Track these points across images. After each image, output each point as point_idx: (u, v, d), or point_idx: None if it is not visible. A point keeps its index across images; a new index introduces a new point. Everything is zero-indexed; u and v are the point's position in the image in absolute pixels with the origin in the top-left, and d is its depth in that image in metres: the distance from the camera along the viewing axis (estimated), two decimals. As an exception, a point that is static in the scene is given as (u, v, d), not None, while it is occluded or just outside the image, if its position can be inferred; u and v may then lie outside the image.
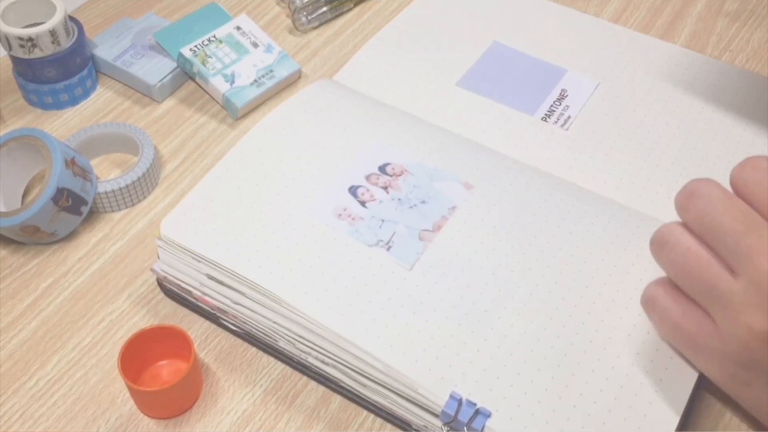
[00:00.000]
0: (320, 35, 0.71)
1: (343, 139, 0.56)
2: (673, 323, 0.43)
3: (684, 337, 0.42)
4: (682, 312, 0.42)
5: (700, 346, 0.42)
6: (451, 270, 0.48)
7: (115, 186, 0.56)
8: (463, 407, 0.43)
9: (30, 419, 0.47)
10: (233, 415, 0.47)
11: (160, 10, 0.73)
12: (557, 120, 0.60)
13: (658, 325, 0.44)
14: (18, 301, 0.52)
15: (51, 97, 0.64)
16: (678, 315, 0.42)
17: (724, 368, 0.41)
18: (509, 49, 0.66)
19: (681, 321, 0.42)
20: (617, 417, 0.43)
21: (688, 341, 0.42)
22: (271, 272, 0.48)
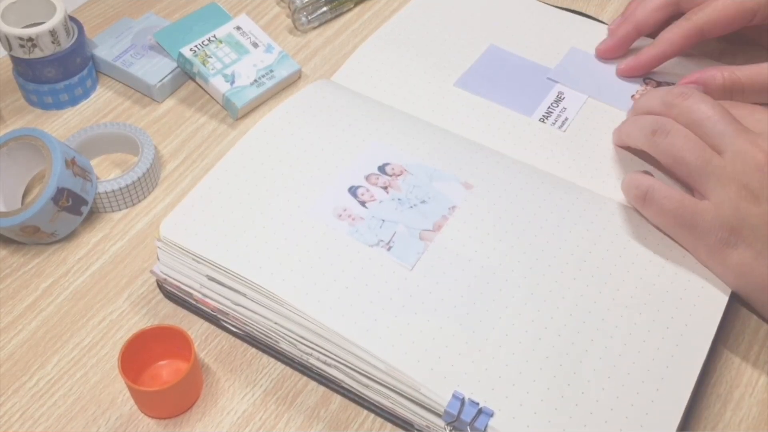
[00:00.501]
0: (320, 35, 0.71)
1: (343, 139, 0.55)
2: (672, 209, 0.49)
3: (683, 219, 0.49)
4: (680, 196, 0.49)
5: (696, 224, 0.49)
6: (451, 270, 0.48)
7: (115, 186, 0.56)
8: (466, 407, 0.43)
9: (30, 419, 0.47)
10: (233, 415, 0.47)
11: (160, 10, 0.73)
12: (555, 121, 0.60)
13: (656, 214, 0.51)
14: (18, 301, 0.52)
15: (51, 97, 0.63)
16: (676, 202, 0.49)
17: (717, 236, 0.48)
18: (506, 52, 0.66)
19: (680, 204, 0.49)
20: (619, 415, 0.43)
21: (686, 222, 0.49)
22: (271, 273, 0.47)
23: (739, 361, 0.50)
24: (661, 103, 0.52)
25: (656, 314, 0.47)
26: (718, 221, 0.48)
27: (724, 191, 0.47)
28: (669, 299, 0.48)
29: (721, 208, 0.47)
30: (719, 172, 0.48)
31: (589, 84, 0.63)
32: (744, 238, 0.47)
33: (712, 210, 0.48)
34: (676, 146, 0.50)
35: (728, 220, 0.47)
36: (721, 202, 0.47)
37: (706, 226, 0.48)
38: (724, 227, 0.47)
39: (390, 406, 0.46)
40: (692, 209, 0.49)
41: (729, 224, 0.47)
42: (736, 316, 0.51)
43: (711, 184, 0.48)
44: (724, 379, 0.49)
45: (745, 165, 0.47)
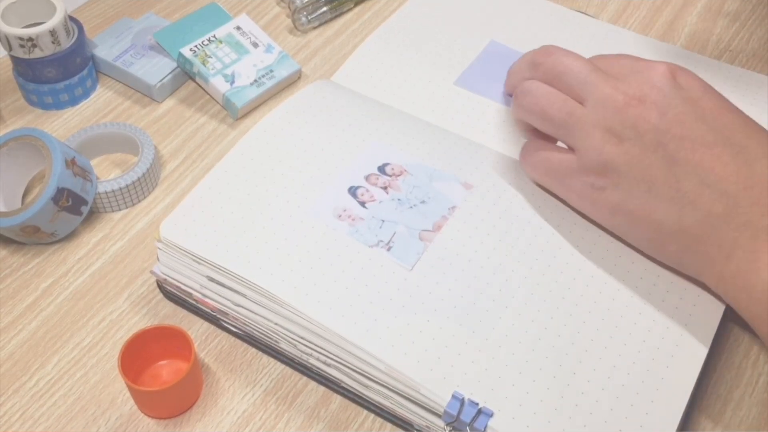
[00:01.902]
0: (320, 35, 0.71)
1: (343, 139, 0.55)
2: (540, 161, 0.52)
3: (551, 170, 0.51)
4: (548, 155, 0.51)
5: (565, 175, 0.50)
6: (451, 270, 0.48)
7: (115, 186, 0.56)
8: (466, 407, 0.43)
9: (30, 419, 0.47)
10: (233, 415, 0.47)
11: (160, 10, 0.73)
12: None
13: (529, 168, 0.53)
14: (18, 301, 0.52)
15: (51, 97, 0.63)
16: (546, 160, 0.51)
17: (584, 181, 0.49)
18: (506, 48, 0.66)
19: (550, 164, 0.51)
20: (619, 415, 0.43)
21: (557, 175, 0.51)
22: (271, 274, 0.47)
23: (739, 361, 0.50)
24: (528, 65, 0.53)
25: (656, 314, 0.47)
26: (585, 168, 0.48)
27: (588, 139, 0.48)
28: (669, 299, 0.48)
29: (587, 155, 0.48)
30: (583, 121, 0.48)
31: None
32: (611, 180, 0.48)
33: (576, 158, 0.49)
34: (540, 104, 0.51)
35: (594, 165, 0.48)
36: (586, 149, 0.48)
37: (574, 175, 0.49)
38: (590, 172, 0.48)
39: (390, 406, 0.46)
40: (558, 159, 0.50)
41: (595, 169, 0.48)
42: (736, 316, 0.51)
43: (576, 134, 0.49)
44: (724, 379, 0.49)
45: (606, 109, 0.47)
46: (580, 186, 0.49)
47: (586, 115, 0.48)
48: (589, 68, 0.49)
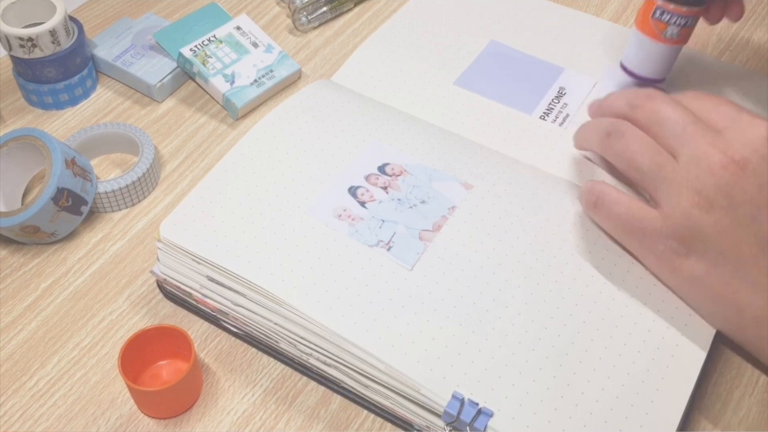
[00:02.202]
0: (320, 35, 0.71)
1: (343, 139, 0.55)
2: (621, 213, 0.48)
3: (632, 226, 0.47)
4: (629, 201, 0.47)
5: (645, 232, 0.46)
6: (451, 270, 0.48)
7: (115, 186, 0.56)
8: (466, 407, 0.43)
9: (30, 419, 0.47)
10: (233, 415, 0.47)
11: (160, 10, 0.73)
12: (555, 118, 0.60)
13: (605, 219, 0.49)
14: (18, 301, 0.52)
15: (51, 97, 0.63)
16: (626, 205, 0.47)
17: (666, 245, 0.46)
18: (507, 47, 0.66)
19: (629, 209, 0.47)
20: (619, 415, 0.43)
21: (635, 230, 0.47)
22: (271, 274, 0.47)
23: (739, 361, 0.50)
24: (626, 104, 0.50)
25: (657, 314, 0.47)
26: (668, 230, 0.45)
27: (676, 198, 0.45)
28: (669, 299, 0.48)
29: (672, 217, 0.45)
30: (672, 177, 0.45)
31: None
32: (695, 249, 0.45)
33: (661, 218, 0.45)
34: (630, 149, 0.47)
35: (678, 229, 0.45)
36: (672, 209, 0.45)
37: (655, 234, 0.46)
38: (674, 236, 0.45)
39: (390, 406, 0.46)
40: (641, 216, 0.46)
41: (679, 233, 0.45)
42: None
43: (663, 190, 0.45)
44: (724, 379, 0.49)
45: (699, 169, 0.44)
46: (661, 249, 0.46)
47: (677, 171, 0.45)
48: (687, 120, 0.46)
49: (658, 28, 0.56)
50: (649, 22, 0.56)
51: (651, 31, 0.56)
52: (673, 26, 0.55)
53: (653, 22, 0.56)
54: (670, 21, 0.55)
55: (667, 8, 0.55)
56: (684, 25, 0.56)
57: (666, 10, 0.55)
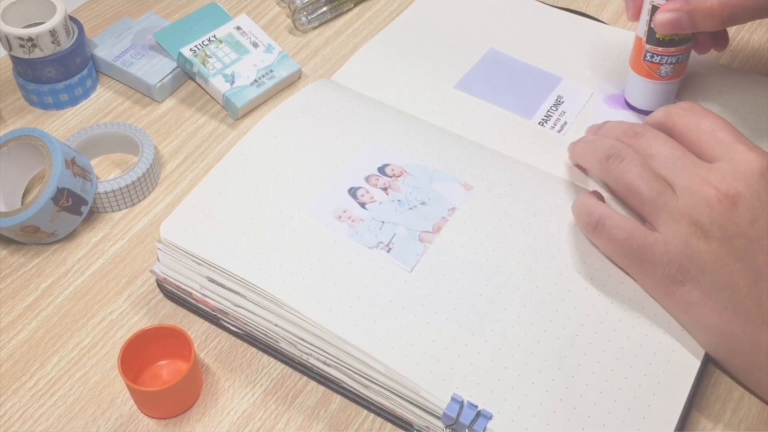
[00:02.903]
0: (320, 35, 0.71)
1: (343, 139, 0.56)
2: (622, 239, 0.47)
3: (632, 251, 0.47)
4: (631, 226, 0.47)
5: (645, 257, 0.47)
6: (451, 272, 0.48)
7: (115, 186, 0.56)
8: (465, 409, 0.43)
9: (30, 419, 0.47)
10: (233, 415, 0.47)
11: (160, 10, 0.73)
12: (554, 125, 0.60)
13: (606, 243, 0.49)
14: (18, 301, 0.52)
15: (51, 97, 0.63)
16: (626, 233, 0.47)
17: (665, 272, 0.46)
18: (505, 56, 0.66)
19: (630, 235, 0.47)
20: (617, 418, 0.43)
21: (634, 252, 0.47)
22: (271, 275, 0.48)
23: (738, 363, 0.50)
24: (628, 131, 0.51)
25: (654, 316, 0.47)
26: (667, 257, 0.46)
27: (674, 226, 0.46)
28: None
29: (671, 244, 0.46)
30: (671, 205, 0.46)
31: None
32: (692, 276, 0.45)
33: (661, 244, 0.46)
34: (630, 174, 0.48)
35: (677, 256, 0.45)
36: (671, 237, 0.46)
37: (655, 260, 0.46)
38: (672, 263, 0.46)
39: (390, 406, 0.46)
40: (641, 242, 0.47)
41: (677, 261, 0.45)
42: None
43: (662, 217, 0.46)
44: (724, 379, 0.49)
45: (695, 200, 0.45)
46: (659, 274, 0.46)
47: (674, 200, 0.46)
48: (678, 154, 0.47)
49: (651, 69, 0.57)
50: (642, 64, 0.58)
51: (646, 72, 0.58)
52: (666, 65, 0.57)
53: (646, 64, 0.57)
54: (661, 62, 0.57)
55: (655, 51, 0.56)
56: (676, 62, 0.57)
57: (655, 53, 0.56)
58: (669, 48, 0.56)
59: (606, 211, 0.48)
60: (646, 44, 0.56)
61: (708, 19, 0.52)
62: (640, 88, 0.59)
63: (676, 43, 0.55)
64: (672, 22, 0.53)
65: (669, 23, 0.53)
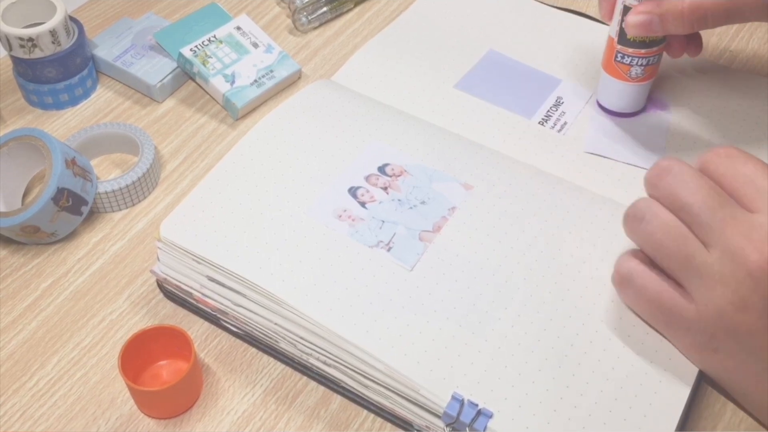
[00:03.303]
0: (320, 35, 0.71)
1: (343, 139, 0.56)
2: (649, 299, 0.45)
3: (660, 312, 0.44)
4: (659, 288, 0.44)
5: (675, 319, 0.44)
6: (451, 271, 0.48)
7: (115, 186, 0.56)
8: (465, 408, 0.43)
9: (30, 419, 0.47)
10: (233, 415, 0.47)
11: (160, 10, 0.73)
12: (554, 125, 0.60)
13: (633, 300, 0.46)
14: (18, 301, 0.52)
15: (51, 97, 0.63)
16: (655, 291, 0.44)
17: (696, 338, 0.43)
18: (505, 57, 0.66)
19: (658, 297, 0.44)
20: (618, 417, 0.43)
21: (664, 315, 0.44)
22: (271, 274, 0.48)
23: (738, 362, 0.50)
24: (645, 183, 0.45)
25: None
26: (699, 325, 0.43)
27: (708, 293, 0.41)
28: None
29: (705, 311, 0.42)
30: (704, 270, 0.41)
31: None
32: (726, 346, 0.42)
33: (693, 310, 0.42)
34: (654, 237, 0.43)
35: (710, 325, 0.42)
36: (705, 304, 0.42)
37: (685, 325, 0.43)
38: (704, 332, 0.43)
39: (390, 406, 0.46)
40: (671, 305, 0.43)
41: (710, 330, 0.42)
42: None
43: (695, 282, 0.42)
44: (723, 380, 0.49)
45: (735, 266, 0.40)
46: (689, 340, 0.44)
47: (709, 265, 0.41)
48: (714, 203, 0.41)
49: (622, 70, 0.57)
50: (613, 65, 0.58)
51: (617, 73, 0.58)
52: (636, 67, 0.57)
53: (616, 65, 0.57)
54: (632, 63, 0.57)
55: (626, 52, 0.56)
56: (647, 65, 0.57)
57: (625, 54, 0.56)
58: (639, 49, 0.56)
59: (636, 267, 0.45)
60: (617, 44, 0.57)
61: (678, 23, 0.52)
62: (611, 89, 0.59)
63: (647, 44, 0.56)
64: (643, 24, 0.53)
65: (640, 25, 0.53)
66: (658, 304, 0.44)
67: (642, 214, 0.44)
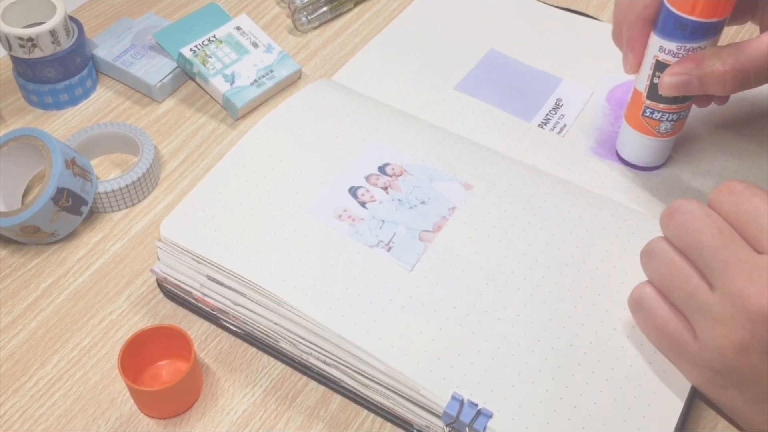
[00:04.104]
0: (320, 35, 0.71)
1: (343, 139, 0.56)
2: (657, 326, 0.45)
3: (666, 341, 0.45)
4: (666, 317, 0.44)
5: (680, 351, 0.44)
6: (451, 271, 0.48)
7: (115, 186, 0.56)
8: (465, 408, 0.43)
9: (30, 419, 0.47)
10: (233, 415, 0.47)
11: (160, 10, 0.73)
12: (553, 127, 0.60)
13: (642, 325, 0.46)
14: (18, 301, 0.52)
15: (51, 97, 0.63)
16: (662, 319, 0.44)
17: (702, 373, 0.43)
18: (505, 57, 0.66)
19: (664, 325, 0.44)
20: (617, 418, 0.43)
21: (670, 345, 0.45)
22: (271, 274, 0.48)
23: (738, 362, 0.50)
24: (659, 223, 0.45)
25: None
26: (704, 362, 0.42)
27: (710, 332, 0.41)
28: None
29: (706, 351, 0.42)
30: (705, 309, 0.41)
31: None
32: (732, 384, 0.42)
33: (697, 347, 0.43)
34: (660, 273, 0.44)
35: (712, 364, 0.42)
36: (707, 344, 0.42)
37: (690, 359, 0.43)
38: (708, 369, 0.43)
39: (390, 405, 0.46)
40: (677, 336, 0.44)
41: (713, 368, 0.42)
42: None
43: (698, 320, 0.42)
44: (723, 380, 0.49)
45: (735, 309, 0.40)
46: (696, 374, 0.44)
47: (710, 305, 0.41)
48: (719, 243, 0.41)
49: (650, 126, 0.54)
50: (640, 119, 0.54)
51: (644, 129, 0.54)
52: (666, 122, 0.53)
53: (644, 120, 0.54)
54: (662, 119, 0.53)
55: (656, 108, 0.53)
56: (677, 119, 0.53)
57: (656, 110, 0.53)
58: (672, 105, 0.52)
59: (649, 293, 0.45)
60: (647, 99, 0.53)
61: (720, 86, 0.48)
62: (637, 144, 0.56)
63: (680, 100, 0.52)
64: (680, 85, 0.49)
65: (677, 86, 0.49)
66: (665, 333, 0.44)
67: (651, 250, 0.45)
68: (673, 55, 0.50)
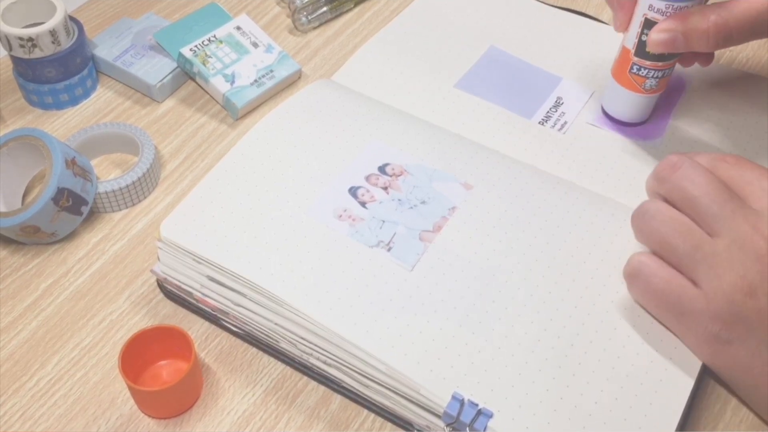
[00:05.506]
0: (320, 35, 0.71)
1: (343, 139, 0.56)
2: (658, 289, 0.45)
3: (668, 304, 0.45)
4: (668, 276, 0.45)
5: (684, 310, 0.44)
6: (451, 271, 0.48)
7: (115, 186, 0.56)
8: (466, 408, 0.43)
9: (30, 419, 0.47)
10: (233, 415, 0.47)
11: (160, 10, 0.73)
12: (554, 125, 0.60)
13: (641, 294, 0.46)
14: (18, 301, 0.52)
15: (51, 97, 0.63)
16: (664, 280, 0.45)
17: (707, 328, 0.44)
18: (505, 54, 0.66)
19: (667, 285, 0.45)
20: (618, 417, 0.43)
21: (673, 307, 0.45)
22: (272, 274, 0.48)
23: (739, 362, 0.49)
24: (654, 179, 0.47)
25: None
26: (710, 313, 0.43)
27: (717, 281, 0.42)
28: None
29: (714, 300, 0.42)
30: (712, 258, 0.42)
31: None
32: (738, 335, 0.43)
33: (702, 299, 0.43)
34: (660, 232, 0.45)
35: (721, 313, 0.42)
36: (714, 292, 0.42)
37: (696, 315, 0.44)
38: (715, 320, 0.43)
39: (390, 405, 0.46)
40: (680, 293, 0.44)
41: (721, 318, 0.43)
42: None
43: (703, 271, 0.43)
44: (724, 379, 0.49)
45: (744, 253, 0.41)
46: (702, 332, 0.44)
47: (717, 254, 0.42)
48: (723, 196, 0.43)
49: (637, 82, 0.56)
50: (626, 75, 0.57)
51: (630, 84, 0.57)
52: (652, 79, 0.56)
53: (631, 76, 0.56)
54: (648, 75, 0.56)
55: (643, 65, 0.55)
56: (662, 77, 0.56)
57: (642, 66, 0.55)
58: (657, 62, 0.55)
59: (645, 259, 0.46)
60: (634, 56, 0.55)
61: (703, 41, 0.51)
62: (623, 99, 0.58)
63: (666, 57, 0.55)
64: (666, 42, 0.52)
65: (663, 42, 0.52)
66: (667, 294, 0.45)
67: (647, 210, 0.46)
68: (661, 14, 0.52)
